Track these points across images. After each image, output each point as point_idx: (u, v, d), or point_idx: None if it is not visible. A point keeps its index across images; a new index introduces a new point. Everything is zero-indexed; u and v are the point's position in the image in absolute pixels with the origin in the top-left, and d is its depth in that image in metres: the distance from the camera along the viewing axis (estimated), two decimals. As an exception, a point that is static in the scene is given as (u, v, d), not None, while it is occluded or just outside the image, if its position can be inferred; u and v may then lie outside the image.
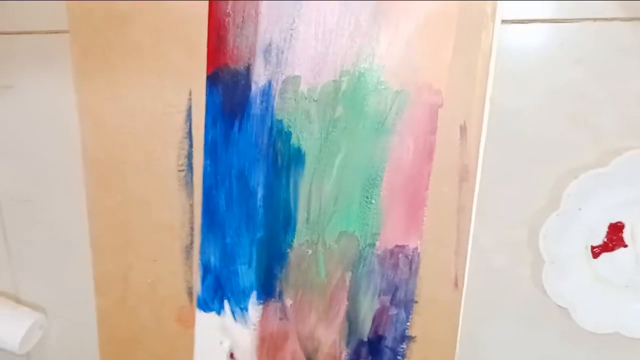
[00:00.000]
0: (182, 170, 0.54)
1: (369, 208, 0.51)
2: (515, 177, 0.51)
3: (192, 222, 0.55)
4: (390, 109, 0.48)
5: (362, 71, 0.48)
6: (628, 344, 0.52)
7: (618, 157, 0.47)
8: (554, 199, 0.49)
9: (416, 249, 0.51)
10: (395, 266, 0.52)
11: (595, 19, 0.45)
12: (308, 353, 0.56)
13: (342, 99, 0.49)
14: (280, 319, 0.56)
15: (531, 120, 0.49)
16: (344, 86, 0.49)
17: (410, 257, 0.52)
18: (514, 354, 0.55)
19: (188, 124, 0.52)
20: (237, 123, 0.51)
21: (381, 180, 0.50)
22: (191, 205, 0.54)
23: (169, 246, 0.56)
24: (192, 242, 0.55)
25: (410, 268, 0.52)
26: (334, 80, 0.49)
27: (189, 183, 0.54)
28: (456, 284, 0.51)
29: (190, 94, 0.52)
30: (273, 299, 0.56)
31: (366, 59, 0.48)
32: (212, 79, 0.51)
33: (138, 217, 0.56)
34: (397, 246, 0.52)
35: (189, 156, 0.53)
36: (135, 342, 0.60)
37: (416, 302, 0.53)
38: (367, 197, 0.51)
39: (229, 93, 0.51)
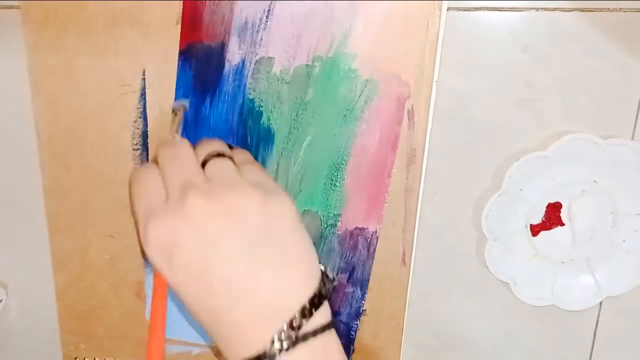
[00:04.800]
0: (137, 149, 0.54)
1: (332, 190, 0.53)
2: (463, 158, 0.53)
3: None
4: (359, 96, 0.50)
5: (335, 57, 0.49)
6: (563, 315, 0.56)
7: (557, 140, 0.49)
8: (498, 180, 0.52)
9: (375, 232, 0.53)
10: (354, 247, 0.54)
11: (537, 9, 0.47)
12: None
13: (313, 83, 0.50)
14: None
15: (479, 105, 0.51)
16: (316, 71, 0.50)
17: (369, 240, 0.54)
18: (459, 326, 0.59)
19: (142, 103, 0.52)
20: (208, 99, 0.52)
21: (346, 165, 0.52)
22: (149, 183, 0.55)
23: (126, 223, 0.57)
24: (152, 219, 0.56)
25: (369, 250, 0.54)
26: (306, 65, 0.49)
27: (144, 162, 0.54)
28: (404, 261, 0.54)
29: (144, 74, 0.52)
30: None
31: (339, 46, 0.49)
32: (185, 54, 0.50)
33: (95, 195, 0.56)
34: (357, 228, 0.54)
35: (144, 135, 0.53)
36: (95, 316, 0.60)
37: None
38: (332, 180, 0.52)
39: (201, 69, 0.51)
